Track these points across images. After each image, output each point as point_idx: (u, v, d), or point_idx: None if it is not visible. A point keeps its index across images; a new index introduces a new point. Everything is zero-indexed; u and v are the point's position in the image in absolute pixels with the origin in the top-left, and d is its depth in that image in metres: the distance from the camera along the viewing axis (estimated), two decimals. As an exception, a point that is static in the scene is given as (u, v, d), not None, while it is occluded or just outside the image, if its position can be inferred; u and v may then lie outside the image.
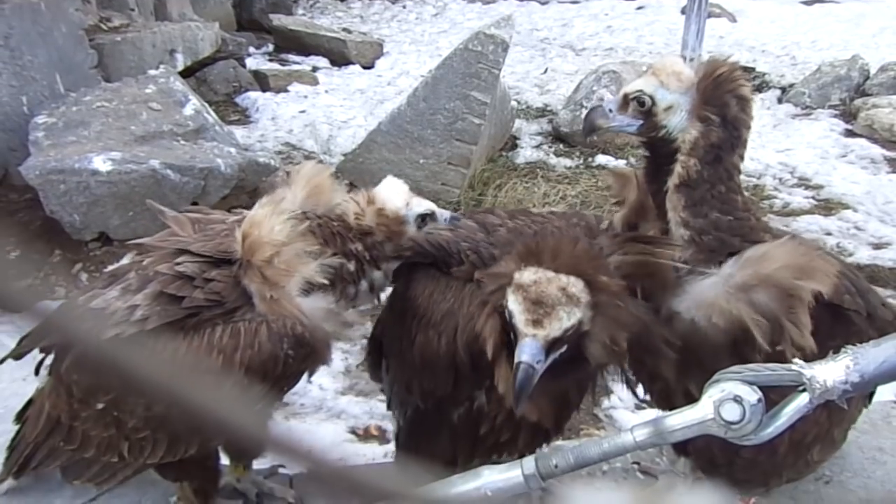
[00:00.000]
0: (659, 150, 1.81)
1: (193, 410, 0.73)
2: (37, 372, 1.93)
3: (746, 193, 6.18)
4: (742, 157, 1.79)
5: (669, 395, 1.92)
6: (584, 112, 2.10)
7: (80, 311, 1.79)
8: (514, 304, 1.59)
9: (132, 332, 1.67)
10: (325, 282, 1.81)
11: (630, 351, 1.70)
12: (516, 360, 1.55)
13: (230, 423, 0.79)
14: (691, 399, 1.82)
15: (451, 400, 1.94)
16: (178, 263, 1.76)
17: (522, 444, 1.97)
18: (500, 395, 1.77)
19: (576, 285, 1.59)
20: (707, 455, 1.94)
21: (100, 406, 1.78)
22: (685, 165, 1.73)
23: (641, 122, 1.80)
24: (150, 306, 1.71)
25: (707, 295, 1.72)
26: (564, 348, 1.59)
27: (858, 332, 1.73)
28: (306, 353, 1.81)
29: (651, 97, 1.76)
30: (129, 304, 1.71)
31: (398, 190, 2.16)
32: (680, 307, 1.76)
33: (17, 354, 1.91)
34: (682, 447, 1.98)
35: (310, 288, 1.81)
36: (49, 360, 1.90)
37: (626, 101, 1.81)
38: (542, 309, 1.56)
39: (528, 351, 1.55)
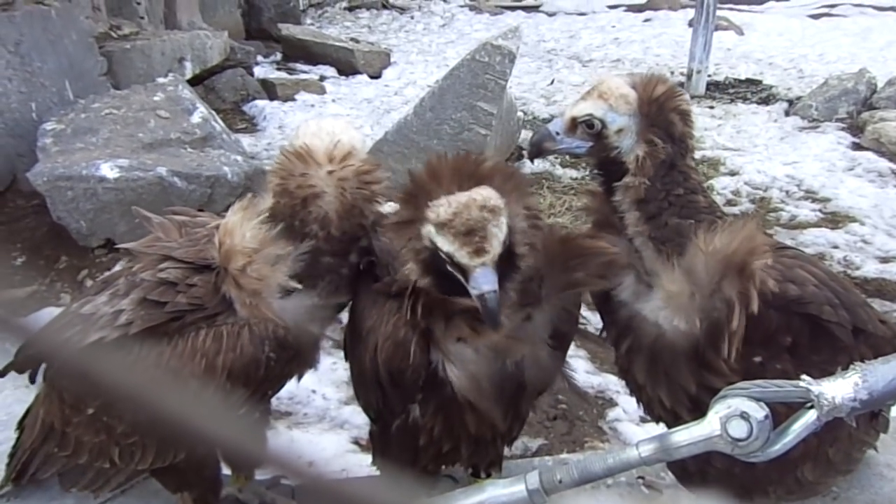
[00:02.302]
0: (610, 169, 1.82)
1: (174, 414, 0.73)
2: (31, 380, 1.93)
3: (752, 206, 6.15)
4: (693, 162, 1.82)
5: (650, 404, 1.90)
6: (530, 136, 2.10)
7: (70, 317, 1.80)
8: (448, 245, 1.54)
9: (115, 336, 1.68)
10: (299, 286, 1.78)
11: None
12: (475, 293, 1.54)
13: (211, 427, 0.79)
14: (667, 410, 1.82)
15: (388, 412, 1.90)
16: (161, 270, 1.77)
17: (466, 455, 1.91)
18: (435, 408, 1.75)
19: (490, 195, 1.57)
20: (679, 463, 1.91)
21: (90, 412, 1.78)
22: (633, 185, 1.75)
23: (591, 143, 1.81)
24: (135, 311, 1.71)
25: (665, 288, 1.72)
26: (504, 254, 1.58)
27: (845, 347, 1.68)
28: (289, 356, 1.79)
29: (601, 121, 1.77)
30: (114, 309, 1.72)
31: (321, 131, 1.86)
32: (645, 309, 1.76)
33: (18, 367, 1.91)
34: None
35: (290, 288, 1.79)
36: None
37: (574, 125, 1.81)
38: (477, 236, 1.53)
39: (482, 280, 1.53)
